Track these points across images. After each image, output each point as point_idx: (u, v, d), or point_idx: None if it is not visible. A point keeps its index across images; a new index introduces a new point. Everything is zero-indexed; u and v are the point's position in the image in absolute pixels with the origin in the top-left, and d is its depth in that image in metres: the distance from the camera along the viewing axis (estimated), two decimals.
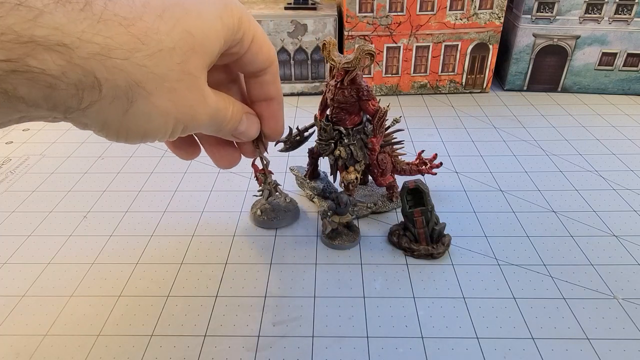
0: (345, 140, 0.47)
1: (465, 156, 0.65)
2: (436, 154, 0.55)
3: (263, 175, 0.49)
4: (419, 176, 0.54)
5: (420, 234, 0.46)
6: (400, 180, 0.50)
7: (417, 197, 0.46)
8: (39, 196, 0.57)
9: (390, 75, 0.84)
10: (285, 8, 0.82)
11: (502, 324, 0.39)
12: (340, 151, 0.48)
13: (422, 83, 0.85)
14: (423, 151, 0.55)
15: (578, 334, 0.38)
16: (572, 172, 0.61)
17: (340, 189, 0.51)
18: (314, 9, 0.81)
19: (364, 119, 0.48)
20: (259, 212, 0.51)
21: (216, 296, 0.42)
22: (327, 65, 0.45)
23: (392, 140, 0.52)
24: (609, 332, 0.38)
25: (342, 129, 0.47)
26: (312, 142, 0.52)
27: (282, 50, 0.81)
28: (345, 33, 0.80)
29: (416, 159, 0.55)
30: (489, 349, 0.37)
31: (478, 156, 0.65)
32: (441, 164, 0.55)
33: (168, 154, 0.66)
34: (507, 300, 0.41)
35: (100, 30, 0.18)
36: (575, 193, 0.56)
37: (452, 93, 0.86)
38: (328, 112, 0.48)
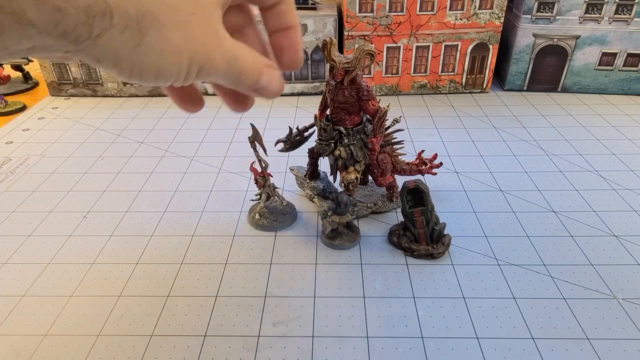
0: (345, 140, 0.47)
1: (465, 156, 0.65)
2: (436, 154, 0.55)
3: (262, 178, 0.49)
4: (419, 176, 0.54)
5: (420, 234, 0.46)
6: (400, 180, 0.50)
7: (417, 197, 0.46)
8: (39, 196, 0.57)
9: (390, 75, 0.84)
10: None
11: (502, 324, 0.39)
12: (340, 151, 0.48)
13: (422, 83, 0.85)
14: (423, 151, 0.55)
15: (578, 334, 0.38)
16: (572, 172, 0.61)
17: (340, 189, 0.51)
18: (314, 9, 0.81)
19: (364, 119, 0.48)
20: (257, 216, 0.51)
21: (216, 296, 0.42)
22: (327, 65, 0.45)
23: (392, 140, 0.52)
24: (609, 332, 0.38)
25: (342, 129, 0.47)
26: (312, 142, 0.52)
27: None
28: (345, 33, 0.80)
29: (416, 159, 0.55)
30: (489, 349, 0.37)
31: (478, 156, 0.65)
32: (441, 164, 0.55)
33: (168, 154, 0.66)
34: (507, 300, 0.41)
35: None
36: (575, 193, 0.56)
37: (452, 93, 0.86)
38: (328, 112, 0.48)
